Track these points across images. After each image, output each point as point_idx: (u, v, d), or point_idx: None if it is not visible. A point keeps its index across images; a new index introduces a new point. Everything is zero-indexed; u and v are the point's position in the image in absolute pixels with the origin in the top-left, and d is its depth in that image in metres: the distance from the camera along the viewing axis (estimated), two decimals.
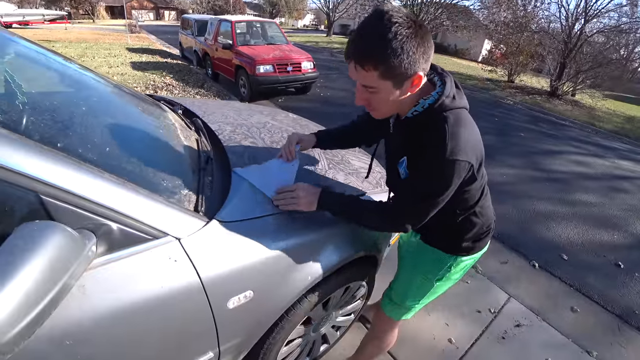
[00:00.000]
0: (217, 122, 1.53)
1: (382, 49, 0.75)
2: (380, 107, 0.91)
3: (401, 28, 0.74)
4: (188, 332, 0.90)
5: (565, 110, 9.64)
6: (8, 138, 0.63)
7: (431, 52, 0.82)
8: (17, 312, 0.52)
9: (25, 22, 21.64)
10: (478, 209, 1.10)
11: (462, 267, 1.21)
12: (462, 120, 0.89)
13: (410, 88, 0.85)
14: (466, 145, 0.85)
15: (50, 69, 1.26)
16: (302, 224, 1.12)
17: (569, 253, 2.94)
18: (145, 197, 0.78)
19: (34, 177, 0.62)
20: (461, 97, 0.93)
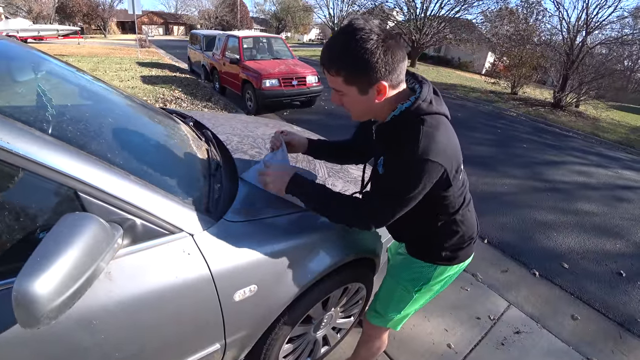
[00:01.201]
0: (225, 133, 1.65)
1: (344, 58, 0.84)
2: (352, 109, 0.96)
3: (365, 40, 0.80)
4: (198, 321, 0.99)
5: (568, 121, 9.68)
6: (53, 144, 0.75)
7: (400, 63, 0.86)
8: (62, 285, 0.63)
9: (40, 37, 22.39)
10: (459, 217, 1.10)
11: (443, 278, 1.21)
12: (439, 125, 0.91)
13: (378, 96, 0.89)
14: (440, 148, 0.87)
15: (79, 84, 1.40)
16: (302, 225, 1.22)
17: (570, 262, 2.97)
18: (164, 197, 0.90)
19: (73, 176, 0.74)
20: (440, 103, 0.96)
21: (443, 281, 1.22)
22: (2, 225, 0.73)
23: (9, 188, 0.74)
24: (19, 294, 0.58)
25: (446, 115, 0.97)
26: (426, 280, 1.20)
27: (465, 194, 1.11)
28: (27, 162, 0.71)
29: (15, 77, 1.17)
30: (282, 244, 1.11)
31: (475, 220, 1.20)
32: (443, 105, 0.97)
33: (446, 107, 0.99)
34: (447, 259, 1.16)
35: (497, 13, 17.55)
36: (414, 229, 1.15)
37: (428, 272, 1.19)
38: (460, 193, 1.06)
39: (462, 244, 1.15)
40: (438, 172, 0.89)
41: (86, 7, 39.90)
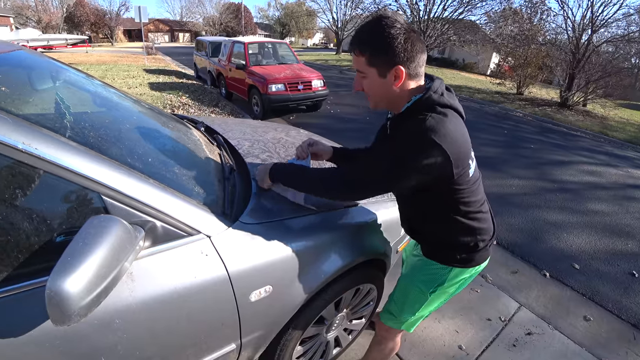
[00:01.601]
0: (236, 138, 1.69)
1: (369, 39, 0.93)
2: (371, 94, 1.02)
3: (390, 26, 0.90)
4: (215, 320, 1.01)
5: (576, 121, 9.60)
6: (77, 149, 0.78)
7: (419, 54, 0.94)
8: (91, 283, 0.66)
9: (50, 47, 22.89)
10: (474, 218, 1.10)
11: (458, 280, 1.20)
12: (449, 115, 0.94)
13: (395, 81, 0.95)
14: (446, 133, 0.89)
15: (96, 91, 1.44)
16: (314, 227, 1.25)
17: (580, 262, 2.95)
18: (182, 200, 0.93)
19: (97, 180, 0.78)
20: (452, 98, 1.00)
21: (458, 284, 1.22)
22: (31, 227, 0.77)
23: (38, 191, 0.78)
24: (52, 292, 0.61)
25: (458, 110, 1.00)
26: (441, 282, 1.19)
27: (480, 194, 1.11)
28: (54, 167, 0.75)
29: (35, 86, 1.21)
30: (295, 245, 1.13)
31: (492, 224, 1.19)
32: (455, 100, 1.00)
33: (459, 104, 1.02)
34: (462, 262, 1.16)
35: (501, 13, 17.49)
36: (428, 226, 1.16)
37: (443, 274, 1.18)
38: (473, 191, 1.06)
39: (477, 246, 1.14)
40: (438, 157, 0.89)
41: (93, 16, 40.64)
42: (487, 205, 1.17)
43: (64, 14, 40.03)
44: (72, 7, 40.32)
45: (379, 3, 20.67)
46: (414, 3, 19.06)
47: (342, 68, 18.57)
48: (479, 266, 1.20)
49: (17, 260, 0.76)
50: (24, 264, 0.77)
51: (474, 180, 1.05)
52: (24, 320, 0.75)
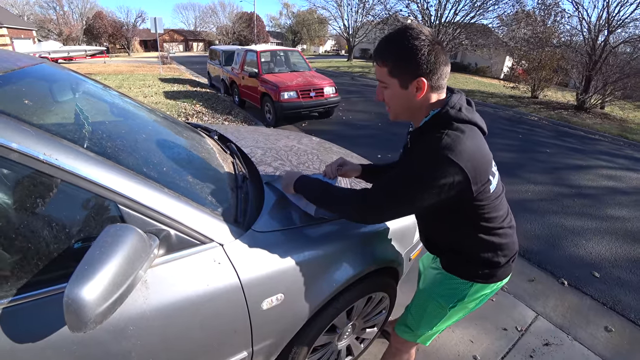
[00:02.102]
0: (249, 146, 1.71)
1: (392, 49, 0.92)
2: (392, 105, 1.01)
3: (414, 37, 0.89)
4: (227, 328, 1.02)
5: (594, 124, 9.36)
6: (95, 159, 0.81)
7: (442, 66, 0.92)
8: (107, 291, 0.68)
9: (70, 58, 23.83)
10: (497, 233, 1.06)
11: (479, 296, 1.17)
12: (467, 131, 0.92)
13: (417, 93, 0.94)
14: (463, 150, 0.87)
15: (113, 102, 1.49)
16: (326, 236, 1.25)
17: (600, 270, 2.86)
18: (195, 208, 0.95)
19: (113, 189, 0.80)
20: (471, 112, 0.97)
21: (479, 299, 1.18)
22: (51, 235, 0.79)
23: (57, 200, 0.81)
24: (69, 300, 0.63)
25: (478, 125, 0.97)
26: (461, 297, 1.16)
27: (503, 209, 1.08)
28: (73, 176, 0.78)
29: (56, 97, 1.26)
30: (307, 253, 1.14)
31: (514, 239, 1.15)
32: (475, 115, 0.98)
33: (480, 118, 1.00)
34: (484, 277, 1.12)
35: (514, 16, 17.29)
36: (448, 241, 1.13)
37: (464, 289, 1.15)
38: (495, 206, 1.03)
39: (499, 262, 1.10)
40: (456, 175, 0.87)
41: (111, 28, 42.01)
42: (510, 219, 1.13)
43: (83, 26, 41.52)
44: (91, 19, 41.84)
45: (390, 9, 20.75)
46: (425, 8, 19.04)
47: (354, 74, 18.63)
48: (501, 282, 1.16)
49: (37, 267, 0.79)
50: (44, 271, 0.80)
51: (495, 195, 1.02)
52: (43, 326, 0.78)
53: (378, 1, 22.67)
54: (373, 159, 1.60)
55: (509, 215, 1.13)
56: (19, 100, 0.95)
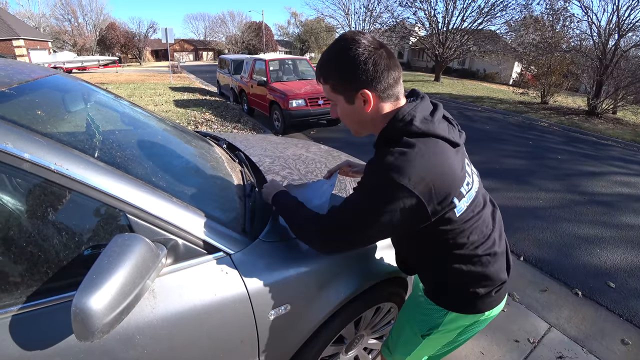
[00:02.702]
0: (257, 154, 1.72)
1: (329, 64, 0.86)
2: (346, 122, 0.95)
3: (348, 48, 0.81)
4: (234, 338, 1.02)
5: (606, 129, 9.21)
6: (104, 169, 0.83)
7: (386, 72, 0.83)
8: (114, 301, 0.68)
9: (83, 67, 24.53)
10: (469, 261, 0.93)
11: (456, 327, 1.03)
12: (420, 147, 0.80)
13: (364, 106, 0.86)
14: (412, 170, 0.77)
15: (123, 112, 1.52)
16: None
17: (616, 280, 2.78)
18: (203, 218, 0.95)
19: (122, 199, 0.81)
20: (429, 123, 0.84)
21: (456, 331, 1.05)
22: (60, 243, 0.81)
23: (67, 209, 0.82)
24: (77, 309, 0.64)
25: (442, 137, 0.85)
26: (435, 325, 1.04)
27: (479, 234, 0.93)
28: (83, 186, 0.79)
29: (69, 108, 1.28)
30: (314, 264, 1.13)
31: (503, 267, 1.00)
32: (436, 126, 0.85)
33: (446, 128, 0.88)
34: (460, 307, 1.00)
35: (522, 22, 17.23)
36: (421, 268, 1.05)
37: (438, 317, 1.03)
38: (465, 232, 0.89)
39: (477, 293, 0.96)
40: (405, 199, 0.77)
41: (123, 39, 43.09)
42: (491, 245, 0.95)
43: (96, 37, 42.69)
44: (105, 30, 43.00)
45: (397, 17, 20.87)
46: (432, 15, 19.11)
47: None
48: (483, 315, 1.01)
49: (47, 275, 0.80)
50: (53, 279, 0.80)
51: (464, 219, 0.88)
52: (51, 333, 0.78)
53: (385, 9, 22.84)
54: None
55: (490, 240, 0.95)
56: (33, 111, 0.97)
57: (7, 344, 0.74)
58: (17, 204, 0.82)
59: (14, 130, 0.77)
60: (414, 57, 36.85)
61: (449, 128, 0.89)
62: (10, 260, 0.79)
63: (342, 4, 29.97)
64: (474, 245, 0.92)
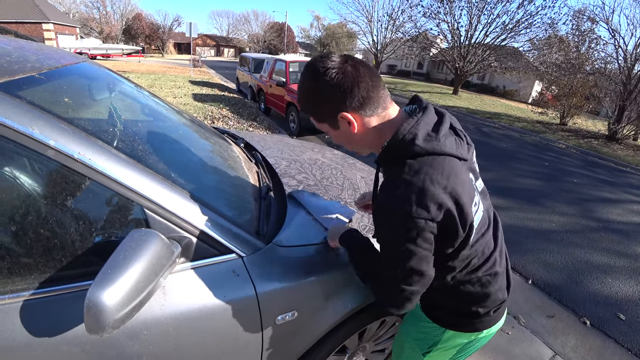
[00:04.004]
0: (274, 156, 1.72)
1: (303, 97, 0.84)
2: (345, 145, 0.90)
3: (312, 76, 0.78)
4: (239, 341, 1.01)
5: (625, 156, 8.99)
6: (127, 162, 0.83)
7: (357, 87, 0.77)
8: (127, 297, 0.68)
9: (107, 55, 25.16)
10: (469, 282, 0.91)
11: (455, 345, 1.02)
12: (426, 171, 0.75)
13: (349, 128, 0.81)
14: (422, 198, 0.72)
15: (147, 104, 1.53)
16: (345, 256, 1.22)
17: (627, 312, 2.70)
18: (220, 218, 0.95)
19: (141, 193, 0.82)
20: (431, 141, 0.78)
21: (455, 348, 1.03)
22: (77, 233, 0.81)
23: (86, 199, 0.83)
24: (90, 303, 0.64)
25: (445, 153, 0.78)
26: (433, 342, 1.02)
27: (479, 255, 0.90)
28: (104, 177, 0.80)
29: (94, 96, 1.30)
30: (326, 272, 1.12)
31: (503, 286, 0.98)
32: (440, 144, 0.78)
33: (450, 142, 0.80)
34: (458, 326, 0.98)
35: (546, 41, 17.01)
36: None
37: (436, 335, 1.01)
38: (475, 255, 0.88)
39: (477, 312, 0.95)
40: (427, 227, 0.74)
41: (148, 30, 43.94)
42: (492, 265, 0.93)
43: (122, 26, 43.60)
44: (131, 20, 43.91)
45: (420, 27, 20.81)
46: (455, 28, 19.00)
47: None
48: (481, 333, 0.99)
49: (61, 263, 0.80)
50: (66, 267, 0.81)
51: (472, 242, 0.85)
52: (60, 322, 0.79)
53: (408, 19, 22.80)
54: None
55: (491, 261, 0.93)
56: (60, 97, 0.99)
57: (17, 329, 0.75)
58: (37, 190, 0.83)
59: (41, 116, 0.78)
60: (434, 68, 36.67)
61: (457, 142, 0.82)
62: (26, 245, 0.80)
63: (365, 11, 30.03)
64: (474, 267, 0.90)
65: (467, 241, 0.82)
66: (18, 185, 0.82)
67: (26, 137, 0.74)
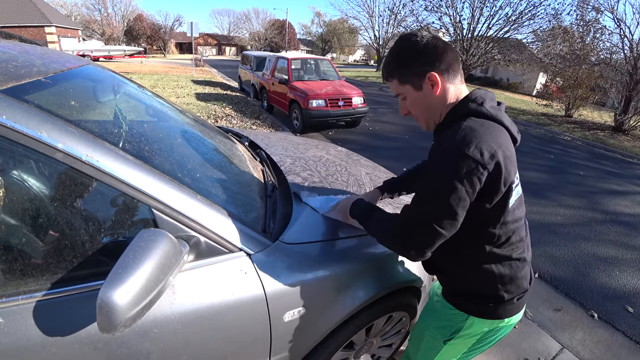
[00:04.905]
0: (278, 154, 1.73)
1: (393, 59, 0.93)
2: (417, 114, 0.97)
3: (407, 40, 0.90)
4: (248, 338, 1.02)
5: (632, 147, 8.88)
6: (134, 164, 0.84)
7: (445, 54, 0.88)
8: (138, 296, 0.70)
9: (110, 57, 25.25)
10: (502, 263, 0.95)
11: (477, 332, 1.03)
12: (485, 125, 0.83)
13: (433, 89, 0.90)
14: (479, 142, 0.78)
15: (152, 105, 1.54)
16: (353, 251, 1.25)
17: (635, 305, 2.68)
18: (226, 217, 0.96)
19: (149, 194, 0.83)
20: (496, 110, 0.89)
21: (477, 336, 1.04)
22: (86, 234, 0.83)
23: (94, 201, 0.84)
24: (102, 302, 0.65)
25: (503, 124, 0.88)
26: (456, 329, 1.05)
27: (517, 237, 0.95)
28: (112, 179, 0.81)
29: (99, 99, 1.31)
30: (332, 268, 1.13)
31: (528, 275, 1.02)
32: (503, 115, 0.90)
33: (510, 120, 0.92)
34: (482, 312, 1.00)
35: (550, 32, 16.77)
36: (450, 263, 1.03)
37: (459, 321, 1.04)
38: (507, 229, 0.91)
39: (502, 297, 0.97)
40: (476, 170, 0.78)
41: (150, 30, 44.05)
42: (523, 251, 0.98)
43: (124, 27, 43.72)
44: (132, 21, 44.04)
45: (422, 21, 20.62)
46: (457, 21, 18.81)
47: (382, 85, 18.58)
48: (505, 321, 1.01)
49: (72, 264, 0.81)
50: (77, 268, 0.82)
51: (513, 213, 0.91)
52: (73, 321, 0.80)
53: (410, 13, 22.61)
54: (398, 172, 1.57)
55: (523, 247, 0.98)
56: (67, 100, 1.00)
57: (31, 329, 0.76)
58: (47, 192, 0.84)
59: (49, 119, 0.79)
60: None
61: (511, 122, 0.93)
62: (37, 247, 0.81)
63: (366, 5, 29.88)
64: (511, 246, 0.94)
65: (506, 202, 0.86)
66: (28, 188, 0.84)
67: (35, 141, 0.75)
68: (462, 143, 0.78)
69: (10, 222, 0.80)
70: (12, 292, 0.77)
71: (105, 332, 0.67)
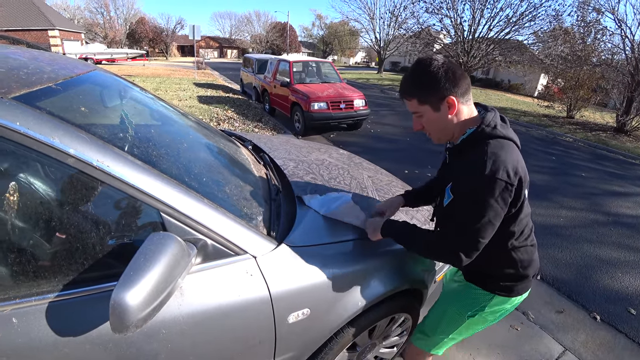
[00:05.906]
0: (282, 157, 1.76)
1: (413, 81, 1.04)
2: (431, 130, 1.09)
3: (428, 65, 1.00)
4: (253, 339, 1.04)
5: (635, 148, 8.86)
6: (143, 168, 0.87)
7: (462, 79, 1.01)
8: (149, 298, 0.72)
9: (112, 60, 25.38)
10: (521, 250, 1.13)
11: (498, 309, 1.21)
12: (503, 146, 0.99)
13: (450, 111, 1.02)
14: (504, 166, 0.94)
15: (158, 110, 1.57)
16: (357, 253, 1.27)
17: (638, 307, 2.68)
18: (232, 220, 0.99)
19: (158, 198, 0.85)
20: (505, 128, 1.05)
21: (498, 313, 1.22)
22: (97, 237, 0.85)
23: (104, 205, 0.87)
24: (115, 303, 0.68)
25: (513, 140, 1.04)
26: (481, 307, 1.21)
27: (528, 227, 1.14)
28: (122, 183, 0.83)
29: (108, 104, 1.34)
30: (337, 270, 1.15)
31: (536, 254, 1.21)
32: (509, 131, 1.05)
33: (514, 133, 1.07)
34: (507, 290, 1.17)
35: (551, 33, 16.76)
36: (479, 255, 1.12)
37: (484, 300, 1.20)
38: (523, 223, 1.10)
39: (522, 275, 1.16)
40: (506, 189, 0.95)
41: (152, 33, 44.31)
42: (533, 238, 1.19)
43: (126, 30, 43.98)
44: (134, 24, 44.29)
45: (423, 24, 20.67)
46: (458, 23, 18.83)
47: (384, 87, 18.60)
48: (520, 297, 1.21)
49: (83, 266, 0.84)
50: (88, 270, 0.85)
51: (525, 211, 1.08)
52: (84, 322, 0.82)
53: (411, 15, 22.66)
54: (400, 175, 1.59)
55: (532, 235, 1.19)
56: (77, 106, 1.02)
57: (43, 329, 0.79)
58: (59, 197, 0.87)
59: (60, 125, 0.81)
60: None
61: (515, 134, 1.07)
62: (49, 250, 0.84)
63: (367, 8, 29.95)
64: (524, 236, 1.13)
65: (523, 205, 1.05)
66: (41, 193, 0.86)
67: (47, 147, 0.77)
68: (492, 168, 0.93)
69: (24, 226, 0.82)
70: (25, 293, 0.80)
71: (118, 332, 0.70)
